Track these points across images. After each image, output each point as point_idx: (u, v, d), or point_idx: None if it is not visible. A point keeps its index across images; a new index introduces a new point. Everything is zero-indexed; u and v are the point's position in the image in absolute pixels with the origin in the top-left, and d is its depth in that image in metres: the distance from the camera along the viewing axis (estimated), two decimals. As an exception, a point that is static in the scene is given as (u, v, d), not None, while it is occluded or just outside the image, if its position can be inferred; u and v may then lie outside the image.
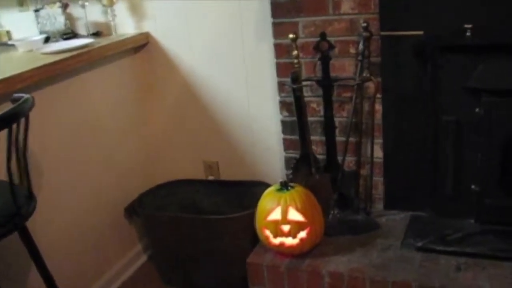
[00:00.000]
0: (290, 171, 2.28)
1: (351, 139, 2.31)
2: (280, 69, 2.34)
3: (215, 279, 2.39)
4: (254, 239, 2.22)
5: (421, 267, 1.99)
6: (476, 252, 2.01)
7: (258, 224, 2.10)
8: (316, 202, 2.10)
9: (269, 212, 2.04)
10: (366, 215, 2.33)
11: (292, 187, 2.09)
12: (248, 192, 2.55)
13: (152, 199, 2.56)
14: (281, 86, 2.36)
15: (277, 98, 2.39)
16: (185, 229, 2.32)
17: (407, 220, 2.28)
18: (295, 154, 2.43)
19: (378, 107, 2.24)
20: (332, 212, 2.27)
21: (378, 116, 2.25)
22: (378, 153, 2.30)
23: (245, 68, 2.48)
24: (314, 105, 2.33)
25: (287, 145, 2.45)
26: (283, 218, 2.03)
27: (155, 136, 2.79)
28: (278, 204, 2.03)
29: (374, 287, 1.96)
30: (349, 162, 2.34)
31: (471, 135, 2.08)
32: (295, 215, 2.03)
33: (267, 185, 2.37)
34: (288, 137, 2.43)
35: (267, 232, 2.06)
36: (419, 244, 2.07)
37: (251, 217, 2.20)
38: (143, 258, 2.75)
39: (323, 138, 2.35)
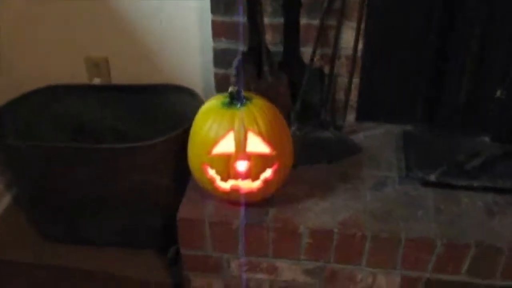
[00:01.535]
0: (235, 72, 1.46)
1: (315, 22, 1.52)
2: None
3: (115, 234, 1.59)
4: (180, 177, 1.43)
5: (439, 213, 1.34)
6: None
7: (194, 159, 1.31)
8: (284, 121, 1.32)
9: (215, 141, 1.24)
10: (337, 131, 1.59)
11: (248, 99, 1.29)
12: (158, 102, 1.72)
13: (14, 116, 1.62)
14: None
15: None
16: (66, 163, 1.46)
17: (397, 139, 1.59)
18: (229, 45, 1.60)
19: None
20: (292, 129, 1.50)
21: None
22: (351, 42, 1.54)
23: None
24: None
25: (217, 30, 1.60)
26: (239, 150, 1.24)
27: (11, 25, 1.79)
28: (230, 129, 1.23)
29: (379, 248, 1.29)
30: (309, 56, 1.56)
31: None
32: (257, 144, 1.25)
33: (188, 92, 1.63)
34: (219, 18, 1.58)
35: (212, 173, 1.27)
36: (432, 177, 1.40)
37: (173, 143, 1.39)
38: (6, 199, 1.83)
39: (277, 21, 1.53)
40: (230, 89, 1.28)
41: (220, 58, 1.64)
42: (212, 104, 1.30)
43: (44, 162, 1.47)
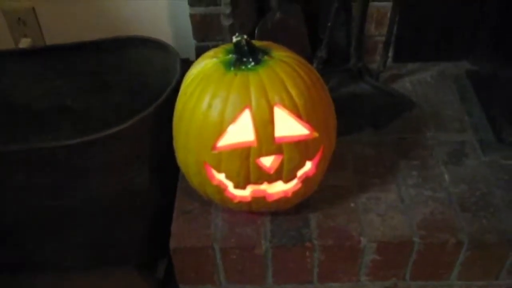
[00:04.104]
0: (229, 9, 0.93)
1: None
2: None
3: (82, 254, 1.13)
4: (162, 169, 0.97)
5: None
6: None
7: (187, 157, 0.82)
8: (321, 80, 0.82)
9: (221, 128, 0.74)
10: (375, 80, 1.11)
11: (265, 52, 0.78)
12: (114, 62, 1.19)
13: None
14: None
15: None
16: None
17: (458, 83, 1.12)
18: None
19: None
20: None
21: None
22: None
23: None
24: None
25: None
26: (262, 139, 0.74)
27: None
28: (245, 106, 0.73)
29: (480, 256, 0.86)
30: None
31: None
32: (291, 125, 0.76)
33: (155, 44, 1.11)
34: None
35: (220, 178, 0.77)
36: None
37: (147, 125, 0.89)
38: None
39: None
40: (236, 38, 0.76)
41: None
42: (208, 66, 0.79)
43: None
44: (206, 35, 1.18)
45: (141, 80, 1.20)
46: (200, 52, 1.17)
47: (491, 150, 0.98)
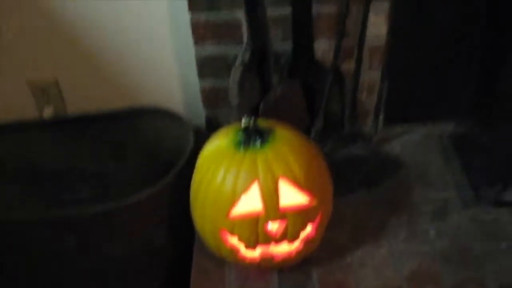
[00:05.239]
0: (236, 88, 1.07)
1: (328, 9, 1.16)
2: None
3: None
4: (178, 230, 1.08)
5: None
6: None
7: (205, 224, 0.96)
8: (319, 153, 0.96)
9: (234, 199, 0.87)
10: (367, 143, 1.24)
11: (269, 132, 0.92)
12: (131, 131, 1.33)
13: None
14: None
15: None
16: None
17: (442, 144, 1.25)
18: (218, 50, 1.21)
19: None
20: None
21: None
22: (378, 29, 1.18)
23: None
24: None
25: (200, 32, 1.21)
26: (269, 207, 0.87)
27: None
28: (253, 179, 0.87)
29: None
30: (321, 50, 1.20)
31: None
32: (293, 195, 0.89)
33: (168, 114, 1.27)
34: (201, 17, 1.18)
35: (234, 241, 0.90)
36: (507, 194, 1.07)
37: (167, 191, 1.02)
38: None
39: (279, 13, 1.16)
40: (244, 122, 0.91)
41: (206, 67, 1.26)
42: (221, 145, 0.93)
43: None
44: (215, 104, 1.31)
45: (156, 147, 1.33)
46: (210, 119, 1.32)
47: (470, 206, 1.11)
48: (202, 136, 1.14)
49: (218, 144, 0.93)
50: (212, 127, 1.34)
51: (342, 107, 1.24)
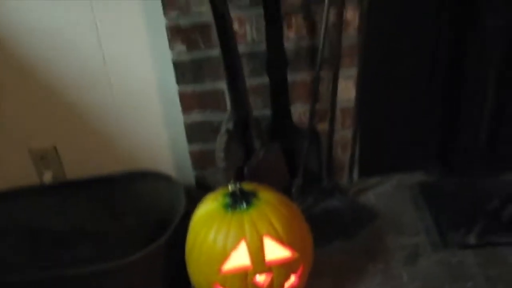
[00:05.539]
0: (222, 155, 1.20)
1: (301, 76, 1.30)
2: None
3: None
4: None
5: (490, 281, 1.14)
6: None
7: (199, 278, 1.08)
8: (298, 210, 1.08)
9: (224, 256, 0.99)
10: (344, 196, 1.37)
11: (252, 194, 1.04)
12: (127, 193, 1.44)
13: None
14: (167, -2, 1.22)
15: (159, 23, 1.25)
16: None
17: (413, 193, 1.38)
18: (204, 117, 1.35)
19: (352, 12, 1.23)
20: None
21: (351, 29, 1.25)
22: (348, 93, 1.32)
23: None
24: (235, 26, 1.24)
25: (187, 102, 1.34)
26: (256, 262, 0.99)
27: None
28: (241, 238, 0.98)
29: None
30: (297, 113, 1.35)
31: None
32: (277, 250, 1.00)
33: (160, 177, 1.36)
34: (188, 89, 1.32)
35: (226, 293, 1.01)
36: (471, 238, 1.20)
37: (162, 251, 1.13)
38: None
39: (258, 82, 1.29)
40: (230, 187, 1.03)
41: (194, 132, 1.39)
42: (211, 208, 1.04)
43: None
44: (203, 165, 1.44)
45: (151, 206, 1.44)
46: (199, 179, 1.44)
47: (438, 250, 1.23)
48: (192, 195, 1.26)
49: (208, 208, 1.05)
50: (201, 185, 1.47)
51: (320, 164, 1.37)
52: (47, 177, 1.58)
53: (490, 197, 1.31)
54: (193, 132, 1.38)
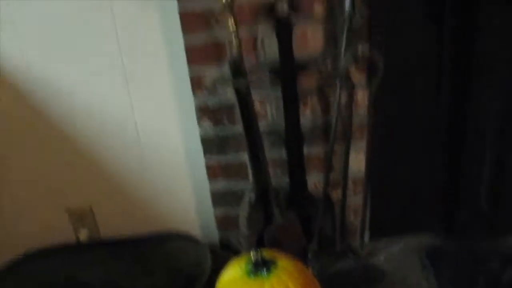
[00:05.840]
0: (246, 224, 1.34)
1: (316, 150, 1.44)
2: (194, 53, 1.35)
3: None
4: None
5: None
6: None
7: None
8: (314, 278, 1.21)
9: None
10: (356, 257, 1.50)
11: (272, 262, 1.18)
12: (157, 252, 1.59)
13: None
14: (196, 81, 1.38)
15: (188, 103, 1.42)
16: None
17: (419, 255, 1.50)
18: (229, 185, 1.50)
19: (362, 94, 1.38)
20: (310, 268, 1.40)
21: (361, 109, 1.40)
22: (358, 164, 1.46)
23: (121, 59, 1.44)
24: (256, 105, 1.40)
25: (213, 171, 1.49)
26: (275, 324, 1.11)
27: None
28: (263, 304, 1.11)
29: None
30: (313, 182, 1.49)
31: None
32: (294, 313, 1.13)
33: (188, 238, 1.53)
34: (214, 160, 1.47)
35: None
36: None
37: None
38: None
39: (276, 155, 1.44)
40: (253, 256, 1.17)
41: (219, 198, 1.53)
42: (236, 274, 1.18)
43: None
44: (227, 228, 1.58)
45: (179, 265, 1.58)
46: (223, 240, 1.58)
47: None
48: (217, 255, 1.41)
49: (233, 274, 1.19)
50: (224, 245, 1.61)
51: (333, 228, 1.50)
52: (83, 235, 1.74)
53: (490, 258, 1.42)
54: (218, 197, 1.53)
